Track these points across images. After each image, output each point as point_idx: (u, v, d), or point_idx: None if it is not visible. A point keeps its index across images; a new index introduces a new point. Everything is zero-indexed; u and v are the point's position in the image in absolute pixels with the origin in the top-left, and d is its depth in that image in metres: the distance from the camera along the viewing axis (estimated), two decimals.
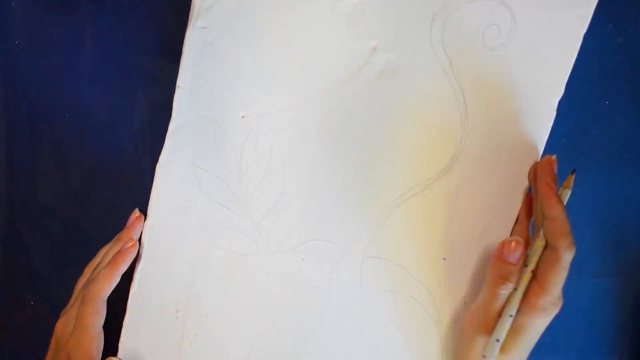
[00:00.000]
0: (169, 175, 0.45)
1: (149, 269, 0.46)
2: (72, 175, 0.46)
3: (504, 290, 0.39)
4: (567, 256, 0.38)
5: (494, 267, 0.40)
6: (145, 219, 0.46)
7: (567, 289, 0.46)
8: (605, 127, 0.46)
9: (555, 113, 0.44)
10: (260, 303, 0.46)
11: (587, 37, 0.45)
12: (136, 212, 0.46)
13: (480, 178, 0.45)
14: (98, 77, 0.45)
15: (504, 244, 0.40)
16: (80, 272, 0.47)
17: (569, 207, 0.46)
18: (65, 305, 0.46)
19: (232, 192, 0.45)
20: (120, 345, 0.46)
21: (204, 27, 0.43)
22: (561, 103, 0.45)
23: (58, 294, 0.48)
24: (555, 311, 0.40)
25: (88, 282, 0.44)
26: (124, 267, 0.44)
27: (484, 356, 0.39)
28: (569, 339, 0.48)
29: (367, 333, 0.47)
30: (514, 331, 0.39)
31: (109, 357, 0.45)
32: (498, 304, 0.40)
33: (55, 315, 0.46)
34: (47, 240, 0.47)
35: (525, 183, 0.45)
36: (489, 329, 0.40)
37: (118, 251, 0.44)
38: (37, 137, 0.46)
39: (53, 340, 0.45)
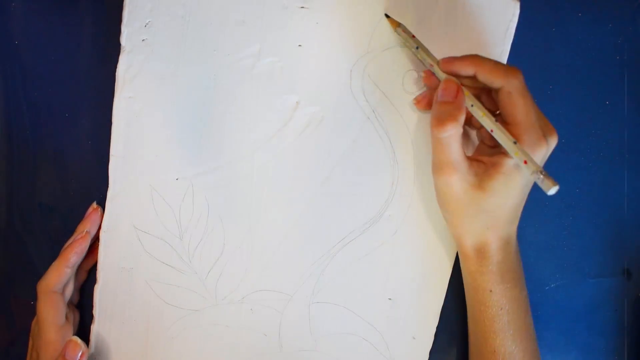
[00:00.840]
0: (113, 240, 0.46)
1: (104, 330, 0.47)
2: (72, 175, 0.47)
3: (445, 134, 0.36)
4: (513, 84, 0.36)
5: (432, 113, 0.37)
6: (103, 212, 0.45)
7: (567, 289, 0.47)
8: (605, 127, 0.46)
9: None
10: (213, 355, 0.47)
11: (587, 37, 0.45)
12: (93, 205, 0.46)
13: (416, 217, 0.45)
14: (98, 77, 0.46)
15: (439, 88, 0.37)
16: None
17: (569, 208, 0.47)
18: None
19: (175, 251, 0.46)
20: None
21: (130, 97, 0.44)
22: (561, 103, 0.46)
23: None
24: (549, 144, 0.37)
25: (41, 277, 0.44)
26: (74, 259, 0.44)
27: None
28: (569, 339, 0.48)
29: None
30: (503, 171, 0.37)
31: (71, 338, 0.44)
32: (445, 149, 0.37)
33: None
34: (47, 241, 0.48)
35: None
36: (448, 170, 0.37)
37: (69, 244, 0.45)
38: (37, 137, 0.47)
39: (29, 339, 0.46)
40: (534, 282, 0.48)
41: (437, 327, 0.47)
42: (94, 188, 0.47)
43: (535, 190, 0.46)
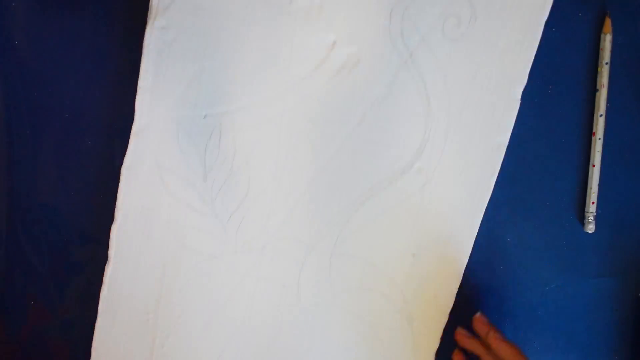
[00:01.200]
0: (134, 177, 0.44)
1: (119, 272, 0.45)
2: (72, 175, 0.46)
3: None
4: None
5: None
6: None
7: (567, 289, 0.47)
8: (606, 128, 0.46)
9: (519, 102, 0.44)
10: (230, 304, 0.46)
11: (587, 37, 0.45)
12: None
13: (446, 171, 0.44)
14: (98, 76, 0.45)
15: None
16: (80, 272, 0.47)
17: (569, 208, 0.47)
18: (65, 305, 0.47)
19: (198, 192, 0.45)
20: (92, 350, 0.46)
21: (162, 27, 0.43)
22: (561, 103, 0.45)
23: (58, 294, 0.48)
24: None
25: None
26: None
27: None
28: (569, 339, 0.48)
29: (337, 331, 0.47)
30: None
31: None
32: None
33: (56, 316, 0.47)
34: (47, 240, 0.47)
35: (493, 173, 0.45)
36: None
37: None
38: (37, 137, 0.46)
39: None
40: (534, 282, 0.47)
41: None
42: (95, 188, 0.46)
43: (536, 191, 0.47)
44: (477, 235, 0.46)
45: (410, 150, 0.44)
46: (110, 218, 0.45)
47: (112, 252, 0.45)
